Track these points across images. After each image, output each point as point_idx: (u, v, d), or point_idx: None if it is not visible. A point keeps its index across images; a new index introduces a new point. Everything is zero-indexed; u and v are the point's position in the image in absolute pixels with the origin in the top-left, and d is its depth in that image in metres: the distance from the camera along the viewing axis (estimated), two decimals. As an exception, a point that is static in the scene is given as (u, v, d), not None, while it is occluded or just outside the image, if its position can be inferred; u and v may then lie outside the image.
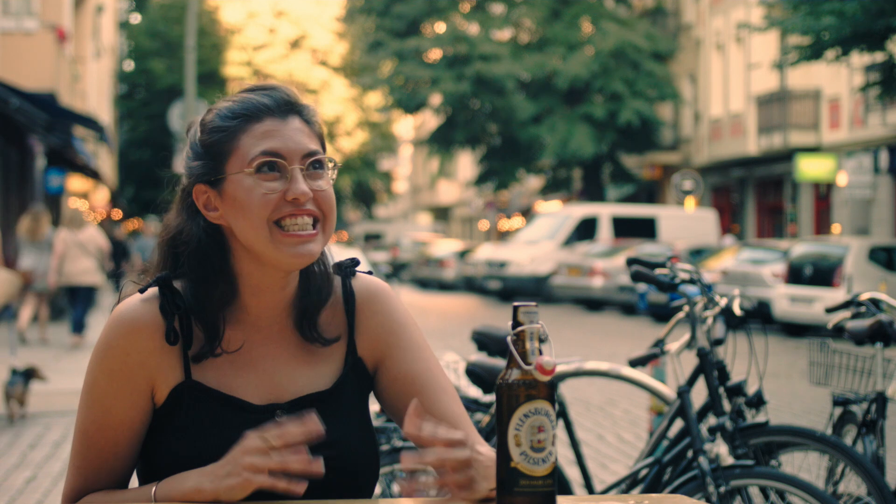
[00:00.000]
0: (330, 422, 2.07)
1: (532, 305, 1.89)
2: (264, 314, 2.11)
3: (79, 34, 34.52)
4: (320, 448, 2.02)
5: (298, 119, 2.10)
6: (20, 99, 18.90)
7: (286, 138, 2.06)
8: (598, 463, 8.31)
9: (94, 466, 2.08)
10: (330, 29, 51.66)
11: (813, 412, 10.79)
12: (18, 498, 7.20)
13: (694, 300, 4.84)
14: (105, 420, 2.06)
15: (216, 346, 2.07)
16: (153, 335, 2.06)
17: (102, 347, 2.07)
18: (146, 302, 2.07)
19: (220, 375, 2.08)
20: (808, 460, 5.37)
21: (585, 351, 16.06)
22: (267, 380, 2.10)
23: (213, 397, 2.07)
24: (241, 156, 2.06)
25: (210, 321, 2.07)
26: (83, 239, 16.40)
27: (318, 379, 2.13)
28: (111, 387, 2.06)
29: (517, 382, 1.87)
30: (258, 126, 2.07)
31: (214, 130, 2.08)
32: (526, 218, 46.70)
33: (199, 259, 2.08)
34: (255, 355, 2.11)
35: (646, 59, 36.62)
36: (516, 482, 1.86)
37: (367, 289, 2.20)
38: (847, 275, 19.27)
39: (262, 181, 2.04)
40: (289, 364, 2.12)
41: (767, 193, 35.38)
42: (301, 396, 2.10)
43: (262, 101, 2.09)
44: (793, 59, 21.56)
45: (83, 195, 37.96)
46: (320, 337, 2.13)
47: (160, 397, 2.07)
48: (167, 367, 2.06)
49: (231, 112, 2.09)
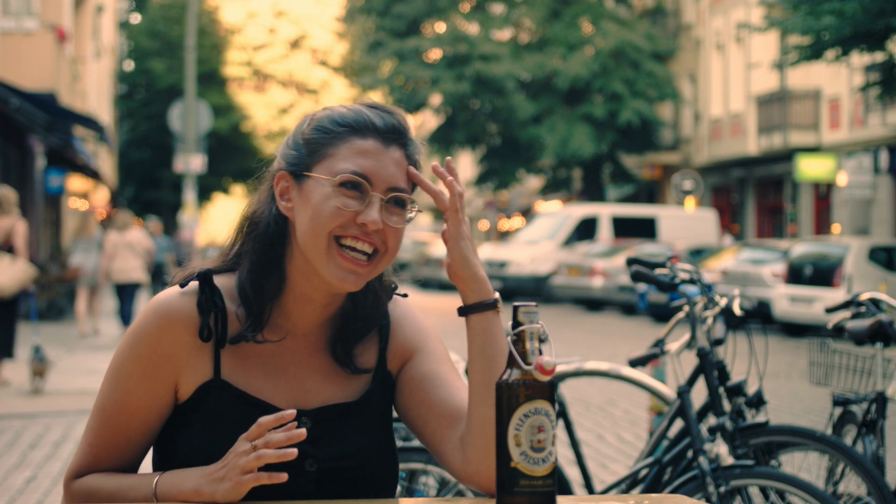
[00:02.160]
0: (355, 432, 2.10)
1: (532, 305, 1.89)
2: (301, 324, 2.12)
3: (79, 34, 34.51)
4: (344, 458, 2.06)
5: (401, 152, 2.10)
6: (20, 99, 18.90)
7: (381, 165, 2.06)
8: (598, 463, 8.31)
9: (104, 446, 2.09)
10: (330, 29, 51.68)
11: (813, 412, 10.79)
12: (18, 498, 7.20)
13: (694, 300, 4.84)
14: (124, 402, 2.07)
15: (258, 331, 2.08)
16: (186, 329, 2.06)
17: (135, 333, 2.08)
18: (185, 296, 2.08)
19: (249, 377, 2.09)
20: (808, 460, 5.37)
21: (585, 351, 16.06)
22: (295, 386, 2.11)
23: (240, 398, 2.07)
24: (333, 163, 2.06)
25: (257, 305, 2.08)
26: (131, 240, 17.92)
27: (346, 390, 2.14)
28: (136, 371, 2.07)
29: (517, 382, 1.87)
30: (360, 142, 2.07)
31: (319, 129, 2.09)
32: (526, 218, 46.71)
33: (263, 244, 2.09)
34: (287, 361, 2.12)
35: (646, 59, 36.62)
36: (516, 482, 1.86)
37: (400, 305, 2.23)
38: (847, 275, 19.27)
39: (341, 195, 2.04)
40: (318, 373, 2.13)
41: (767, 193, 35.38)
42: (328, 405, 2.11)
43: (374, 120, 2.09)
44: (793, 59, 21.56)
45: (83, 195, 37.97)
46: (352, 364, 2.14)
47: (185, 392, 2.08)
48: (196, 363, 2.07)
49: (342, 118, 2.10)
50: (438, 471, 4.77)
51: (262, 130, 52.82)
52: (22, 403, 10.90)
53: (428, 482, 4.90)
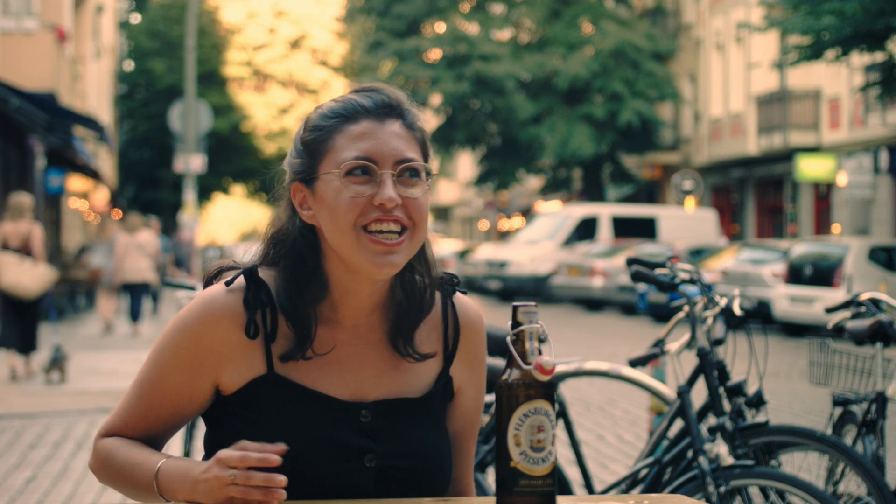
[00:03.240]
0: (420, 429, 2.09)
1: (532, 305, 1.89)
2: (351, 314, 2.10)
3: (79, 34, 34.51)
4: (406, 456, 2.05)
5: (398, 123, 2.07)
6: (20, 99, 18.90)
7: (380, 142, 2.04)
8: (598, 463, 8.31)
9: (136, 415, 2.11)
10: (330, 29, 51.68)
11: (813, 412, 10.79)
12: (18, 498, 7.20)
13: (694, 300, 4.84)
14: (159, 384, 2.08)
15: (307, 348, 2.06)
16: (232, 326, 2.05)
17: (179, 323, 2.08)
18: (231, 293, 2.07)
19: (304, 370, 2.07)
20: (808, 460, 5.37)
21: (585, 351, 16.06)
22: (351, 378, 2.08)
23: (298, 391, 2.05)
24: (335, 157, 2.04)
25: (302, 321, 2.06)
26: (141, 241, 18.71)
27: (406, 386, 2.11)
28: (175, 360, 2.07)
29: (517, 382, 1.87)
30: (354, 127, 2.05)
31: (314, 129, 2.08)
32: (526, 218, 46.70)
33: (294, 258, 2.07)
34: (341, 354, 2.09)
35: (646, 59, 36.62)
36: (516, 482, 1.86)
37: (472, 312, 2.20)
38: (847, 275, 19.27)
39: (352, 184, 2.02)
40: (376, 366, 2.10)
41: (767, 193, 35.38)
42: (389, 399, 2.09)
43: (362, 102, 2.07)
44: (793, 59, 21.56)
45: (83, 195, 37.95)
46: (415, 352, 2.11)
47: (232, 386, 2.06)
48: (243, 359, 2.05)
49: (331, 112, 2.08)
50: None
51: (262, 130, 52.81)
52: (22, 403, 10.91)
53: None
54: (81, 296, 24.56)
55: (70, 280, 23.10)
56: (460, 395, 2.18)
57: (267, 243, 2.12)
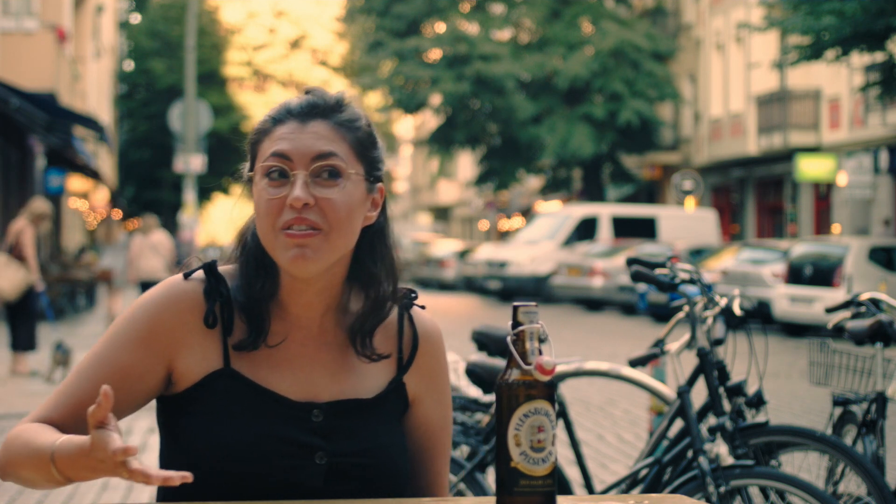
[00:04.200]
0: (368, 430, 2.09)
1: (532, 305, 1.89)
2: (304, 314, 2.10)
3: (79, 34, 34.51)
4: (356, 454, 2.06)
5: (324, 124, 2.05)
6: (20, 99, 18.90)
7: (297, 142, 2.02)
8: (598, 463, 8.31)
9: (72, 397, 2.03)
10: (330, 29, 51.68)
11: (813, 412, 10.79)
12: (18, 498, 7.20)
13: (694, 300, 4.84)
14: (109, 359, 2.04)
15: (260, 340, 2.07)
16: (191, 311, 2.06)
17: (139, 302, 2.09)
18: (192, 282, 2.08)
19: (259, 368, 2.07)
20: (808, 460, 5.37)
21: (585, 351, 16.06)
22: (304, 378, 2.09)
23: (251, 388, 2.06)
24: (260, 159, 2.06)
25: (254, 314, 2.07)
26: (154, 242, 19.41)
27: (359, 386, 2.12)
28: (130, 335, 2.05)
29: (517, 382, 1.87)
30: (279, 129, 2.05)
31: (254, 132, 2.10)
32: (526, 218, 46.70)
33: (248, 255, 2.10)
34: (294, 353, 2.10)
35: (646, 59, 36.61)
36: (516, 482, 1.86)
37: (430, 327, 2.21)
38: (847, 275, 19.27)
39: (269, 186, 2.02)
40: (328, 367, 2.11)
41: (767, 193, 35.38)
42: (342, 400, 2.09)
43: (291, 104, 2.08)
44: (793, 59, 21.56)
45: (83, 195, 37.97)
46: (373, 353, 2.12)
47: (188, 376, 2.06)
48: (200, 349, 2.06)
49: (268, 115, 2.09)
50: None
51: (262, 130, 52.71)
52: (22, 403, 10.91)
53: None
54: (81, 296, 24.56)
55: (70, 280, 23.11)
56: (417, 406, 2.18)
57: (234, 241, 2.16)
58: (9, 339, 13.26)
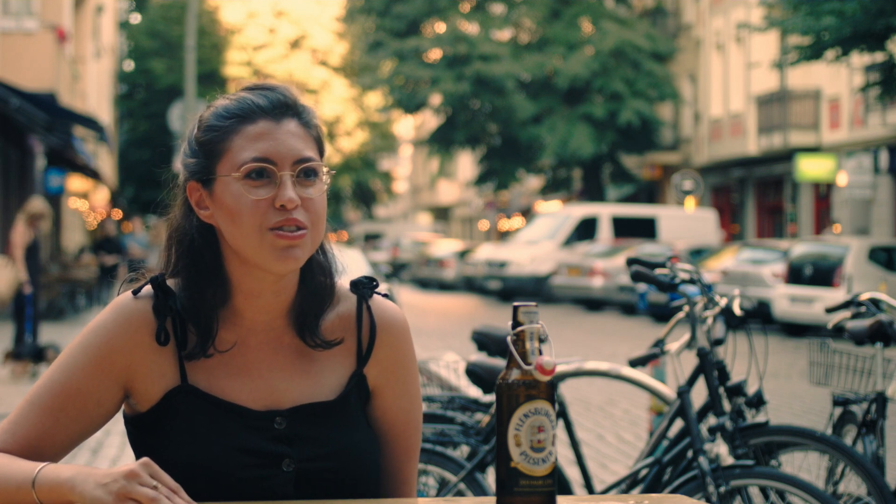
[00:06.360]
0: (336, 431, 2.06)
1: (532, 305, 1.89)
2: (259, 318, 2.07)
3: (79, 34, 34.52)
4: (323, 458, 2.03)
5: (295, 122, 2.04)
6: (20, 99, 18.91)
7: (278, 142, 2.00)
8: (598, 463, 8.31)
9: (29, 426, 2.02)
10: (330, 29, 51.65)
11: (813, 412, 10.79)
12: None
13: (694, 300, 4.84)
14: (65, 386, 2.01)
15: (208, 346, 2.03)
16: (142, 330, 2.02)
17: (92, 324, 2.04)
18: (140, 300, 2.04)
19: (215, 380, 2.04)
20: (808, 460, 5.37)
21: (585, 351, 16.06)
22: (263, 385, 2.06)
23: (210, 403, 2.02)
24: (232, 158, 2.01)
25: (203, 321, 2.03)
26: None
27: (319, 388, 2.08)
28: (83, 360, 2.02)
29: (517, 382, 1.87)
30: (251, 128, 2.01)
31: (209, 129, 2.03)
32: (526, 218, 46.70)
33: (192, 258, 2.04)
34: (250, 360, 2.06)
35: (646, 59, 36.62)
36: (516, 482, 1.86)
37: (390, 315, 2.15)
38: (847, 275, 19.27)
39: (252, 187, 1.99)
40: (286, 371, 2.07)
41: (767, 193, 35.38)
42: (303, 405, 2.06)
43: (258, 101, 2.04)
44: (793, 59, 21.56)
45: (83, 195, 37.98)
46: (323, 341, 2.08)
47: (148, 398, 2.03)
48: (156, 367, 2.03)
49: (226, 111, 2.04)
50: (438, 471, 4.77)
51: (262, 130, 52.69)
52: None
53: (428, 482, 4.90)
54: (81, 296, 24.56)
55: (70, 280, 23.11)
56: (378, 397, 2.13)
57: (167, 246, 2.08)
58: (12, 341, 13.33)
